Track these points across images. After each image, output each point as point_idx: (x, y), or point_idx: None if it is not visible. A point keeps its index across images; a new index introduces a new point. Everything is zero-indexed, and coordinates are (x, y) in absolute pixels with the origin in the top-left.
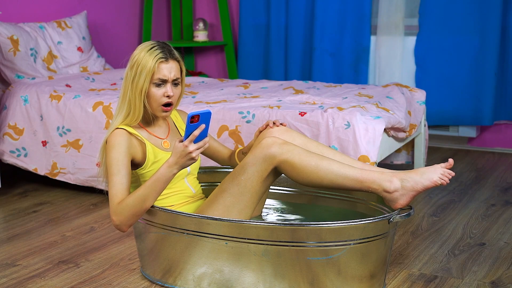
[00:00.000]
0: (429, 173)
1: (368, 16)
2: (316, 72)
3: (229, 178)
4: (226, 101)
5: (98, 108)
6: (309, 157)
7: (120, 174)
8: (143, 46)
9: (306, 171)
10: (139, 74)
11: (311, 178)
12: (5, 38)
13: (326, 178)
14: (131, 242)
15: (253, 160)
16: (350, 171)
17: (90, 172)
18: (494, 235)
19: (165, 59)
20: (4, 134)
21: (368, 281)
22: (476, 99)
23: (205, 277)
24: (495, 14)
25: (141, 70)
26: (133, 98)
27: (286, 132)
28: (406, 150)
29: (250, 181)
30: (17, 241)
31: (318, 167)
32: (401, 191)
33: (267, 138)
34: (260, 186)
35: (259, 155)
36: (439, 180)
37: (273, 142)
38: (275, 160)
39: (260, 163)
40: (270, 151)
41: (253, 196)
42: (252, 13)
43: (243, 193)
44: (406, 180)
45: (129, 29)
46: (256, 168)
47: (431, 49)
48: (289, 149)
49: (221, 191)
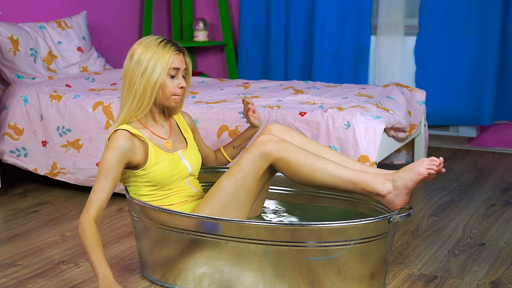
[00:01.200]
0: (416, 167)
1: (368, 16)
2: (316, 72)
3: (225, 176)
4: (226, 101)
5: (98, 108)
6: (304, 156)
7: (106, 181)
8: (148, 41)
9: (301, 170)
10: (153, 67)
11: (305, 177)
12: (5, 38)
13: (320, 178)
14: (131, 242)
15: (249, 157)
16: (344, 173)
17: (90, 172)
18: (494, 235)
19: (178, 52)
20: (4, 134)
21: (368, 281)
22: (476, 99)
23: (205, 277)
24: (495, 14)
25: (156, 64)
26: (143, 91)
27: (285, 131)
28: (406, 150)
29: (246, 179)
30: (17, 241)
31: (313, 166)
32: (394, 191)
33: (263, 135)
34: (257, 183)
35: (255, 153)
36: (426, 171)
37: (269, 139)
38: (271, 158)
39: (256, 161)
40: (266, 148)
41: (250, 194)
42: (252, 13)
43: (240, 191)
44: (396, 180)
45: (129, 29)
46: (252, 166)
47: (431, 49)
48: (285, 147)
49: (218, 190)
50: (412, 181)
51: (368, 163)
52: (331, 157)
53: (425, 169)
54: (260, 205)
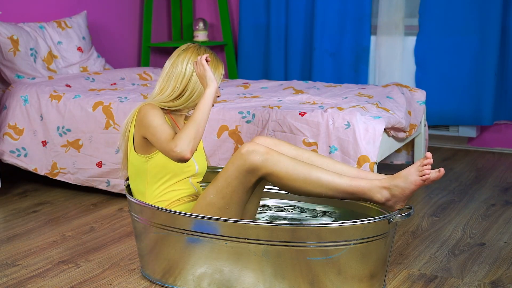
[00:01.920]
0: (410, 176)
1: (368, 16)
2: (316, 72)
3: (212, 190)
4: (226, 101)
5: (98, 108)
6: (297, 170)
7: (166, 124)
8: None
9: (294, 185)
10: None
11: (300, 190)
12: (5, 38)
13: (316, 191)
14: (131, 242)
15: (236, 173)
16: (340, 183)
17: (90, 172)
18: (494, 235)
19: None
20: (4, 134)
21: (368, 281)
22: (476, 99)
23: (205, 277)
24: (495, 14)
25: (215, 73)
26: (192, 91)
27: (273, 144)
28: (406, 150)
29: (235, 193)
30: (17, 241)
31: (307, 180)
32: (393, 199)
33: (247, 144)
34: (246, 195)
35: (242, 168)
36: (420, 180)
37: (253, 150)
38: (260, 172)
39: (244, 176)
40: (253, 162)
41: (239, 206)
42: (252, 13)
43: (229, 204)
44: (393, 189)
45: (129, 29)
46: (240, 181)
47: (431, 49)
48: (273, 161)
49: (206, 205)
50: (409, 190)
51: (368, 163)
52: (326, 166)
53: (419, 178)
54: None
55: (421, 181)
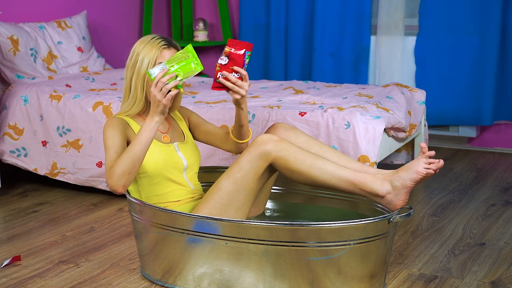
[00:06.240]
0: (414, 167)
1: (368, 16)
2: (316, 72)
3: (225, 176)
4: (226, 101)
5: (98, 108)
6: (303, 156)
7: (115, 147)
8: (144, 38)
9: (299, 169)
10: (141, 61)
11: (304, 176)
12: (5, 38)
13: (319, 178)
14: (131, 242)
15: (249, 157)
16: (343, 173)
17: (90, 172)
18: (494, 235)
19: (168, 46)
20: (4, 134)
21: (368, 281)
22: (476, 99)
23: (205, 277)
24: (495, 14)
25: (143, 57)
26: (135, 86)
27: (291, 129)
28: (406, 150)
29: (246, 179)
30: (17, 241)
31: (312, 166)
32: (393, 192)
33: (262, 135)
34: (256, 183)
35: (255, 153)
36: (424, 170)
37: (268, 139)
38: (270, 157)
39: (256, 160)
40: (266, 148)
41: (250, 193)
42: (252, 13)
43: (239, 190)
44: (395, 180)
45: (129, 29)
46: (252, 166)
47: (431, 49)
48: (284, 147)
49: (217, 189)
50: (411, 181)
51: (368, 163)
52: (332, 157)
53: (423, 168)
54: (263, 204)
55: (424, 172)
